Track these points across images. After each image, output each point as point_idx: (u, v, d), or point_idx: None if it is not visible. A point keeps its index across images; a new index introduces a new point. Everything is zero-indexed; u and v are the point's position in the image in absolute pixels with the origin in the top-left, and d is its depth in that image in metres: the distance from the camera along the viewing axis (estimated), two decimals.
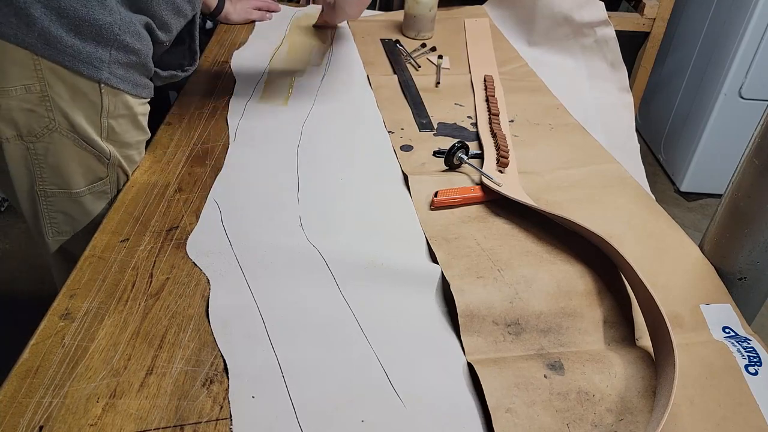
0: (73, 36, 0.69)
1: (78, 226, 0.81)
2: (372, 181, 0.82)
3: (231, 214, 0.73)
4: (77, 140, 0.74)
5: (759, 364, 0.57)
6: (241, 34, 1.24)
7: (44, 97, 0.70)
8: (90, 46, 0.70)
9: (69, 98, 0.71)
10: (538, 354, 0.58)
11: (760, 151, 0.62)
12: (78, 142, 0.74)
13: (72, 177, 0.76)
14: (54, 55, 0.68)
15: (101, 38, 0.70)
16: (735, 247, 0.66)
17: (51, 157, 0.74)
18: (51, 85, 0.70)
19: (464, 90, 1.07)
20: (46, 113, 0.71)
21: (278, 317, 0.60)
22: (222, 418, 0.51)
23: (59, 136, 0.73)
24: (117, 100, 0.75)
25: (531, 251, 0.69)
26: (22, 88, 0.69)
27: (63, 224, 0.81)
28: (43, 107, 0.70)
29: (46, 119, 0.71)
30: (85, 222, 0.81)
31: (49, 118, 0.71)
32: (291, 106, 0.99)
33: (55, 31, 0.67)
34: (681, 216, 2.11)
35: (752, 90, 1.90)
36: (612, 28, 1.25)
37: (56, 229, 0.81)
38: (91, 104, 0.73)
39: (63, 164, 0.75)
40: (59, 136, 0.73)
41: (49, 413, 0.50)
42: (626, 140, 1.15)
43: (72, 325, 0.58)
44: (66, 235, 0.82)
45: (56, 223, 0.80)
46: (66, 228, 0.81)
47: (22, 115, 0.70)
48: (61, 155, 0.74)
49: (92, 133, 0.75)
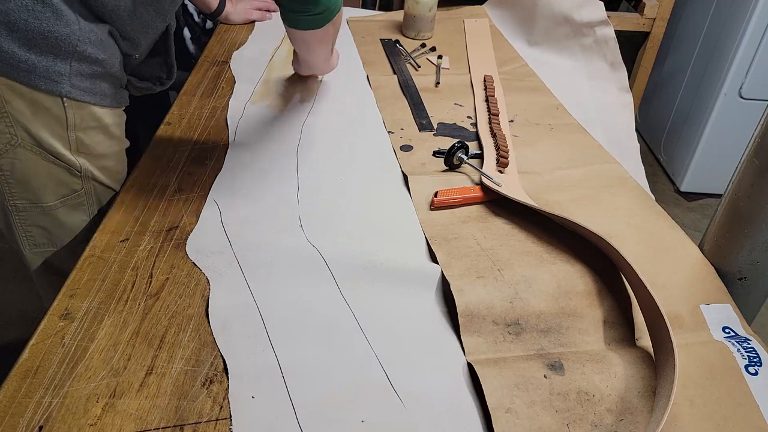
0: (27, 50, 0.66)
1: (56, 239, 0.79)
2: (372, 181, 0.82)
3: (231, 214, 0.73)
4: (43, 154, 0.71)
5: (759, 364, 0.57)
6: (241, 34, 1.24)
7: (2, 113, 0.67)
8: (47, 60, 0.67)
9: (30, 113, 0.69)
10: (538, 354, 0.58)
11: (760, 151, 0.62)
12: (45, 156, 0.71)
13: (42, 191, 0.74)
14: (7, 70, 0.66)
15: (59, 51, 0.67)
16: (735, 247, 0.66)
17: (17, 172, 0.72)
18: (8, 100, 0.67)
19: (464, 90, 1.07)
20: (6, 129, 0.68)
21: (278, 317, 0.60)
22: (222, 418, 0.51)
23: (23, 150, 0.70)
24: (83, 112, 0.72)
25: (531, 251, 0.69)
26: None
27: (39, 237, 0.78)
28: (3, 123, 0.68)
29: (8, 135, 0.69)
30: (62, 234, 0.79)
31: (11, 134, 0.69)
32: (291, 106, 0.99)
33: (6, 46, 0.65)
34: (681, 216, 2.11)
35: (752, 90, 1.90)
36: (611, 28, 1.25)
37: (33, 242, 0.79)
38: (55, 118, 0.70)
39: (31, 179, 0.73)
40: (23, 150, 0.70)
41: (49, 413, 0.50)
42: (626, 140, 1.15)
43: (72, 325, 0.58)
44: (44, 248, 0.79)
45: (32, 236, 0.78)
46: (43, 240, 0.79)
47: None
48: (28, 170, 0.72)
49: (59, 147, 0.72)
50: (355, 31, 1.29)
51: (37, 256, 0.80)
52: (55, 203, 0.76)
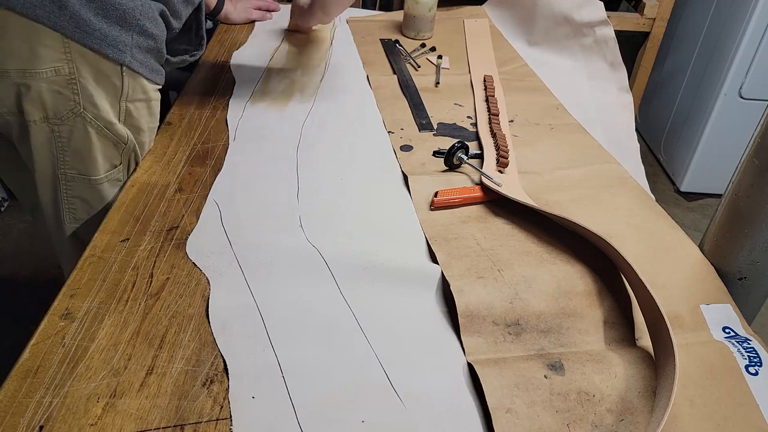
0: (101, 19, 0.71)
1: (92, 213, 0.83)
2: (372, 181, 0.82)
3: (231, 214, 0.73)
4: (98, 126, 0.76)
5: (759, 364, 0.57)
6: (241, 34, 1.24)
7: (71, 80, 0.72)
8: (115, 30, 0.72)
9: (93, 81, 0.73)
10: (539, 354, 0.58)
11: (760, 151, 0.62)
12: (98, 128, 0.76)
13: (92, 163, 0.78)
14: (83, 38, 0.70)
15: (124, 22, 0.73)
16: (735, 247, 0.66)
17: (74, 141, 0.76)
18: (78, 67, 0.72)
19: (464, 90, 1.07)
20: (72, 96, 0.73)
21: (278, 317, 0.60)
22: (222, 418, 0.51)
23: (82, 120, 0.75)
24: (136, 83, 0.78)
25: (531, 251, 0.69)
26: (52, 71, 0.71)
27: (80, 211, 0.82)
28: (70, 90, 0.72)
29: (72, 102, 0.73)
30: (99, 208, 0.83)
31: (75, 102, 0.73)
32: (291, 106, 0.99)
33: (84, 15, 0.69)
34: (681, 216, 2.11)
35: (752, 90, 1.90)
36: (611, 28, 1.25)
37: (73, 216, 0.82)
38: (113, 87, 0.75)
39: (85, 149, 0.77)
40: (82, 120, 0.75)
41: (49, 413, 0.50)
42: (626, 140, 1.15)
43: (72, 325, 0.58)
44: (80, 222, 0.83)
45: (74, 209, 0.82)
46: (82, 215, 0.83)
47: (50, 97, 0.72)
48: (83, 140, 0.76)
49: (112, 116, 0.77)
50: (355, 31, 1.29)
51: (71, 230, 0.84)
52: (102, 177, 0.80)
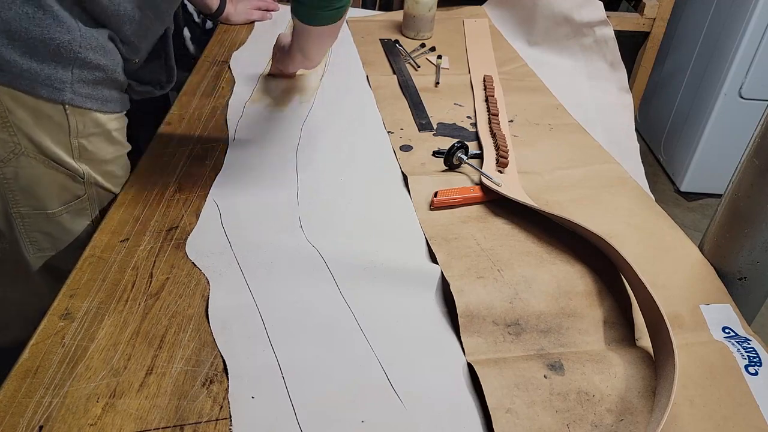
0: (29, 58, 0.65)
1: (60, 243, 0.79)
2: (372, 181, 0.82)
3: (231, 214, 0.73)
4: (47, 162, 0.71)
5: (759, 364, 0.57)
6: (241, 34, 1.24)
7: (5, 123, 0.67)
8: (48, 68, 0.66)
9: (32, 122, 0.68)
10: (538, 354, 0.58)
11: (760, 151, 0.62)
12: (48, 163, 0.71)
13: (45, 198, 0.74)
14: (9, 80, 0.65)
15: (60, 58, 0.67)
16: (735, 247, 0.66)
17: (21, 180, 0.71)
18: (11, 110, 0.67)
19: (464, 90, 1.07)
20: (9, 138, 0.68)
21: (278, 317, 0.60)
22: (222, 418, 0.51)
23: (27, 159, 0.70)
24: (85, 119, 0.72)
25: (531, 251, 0.69)
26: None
27: (43, 242, 0.78)
28: (6, 132, 0.68)
29: (11, 144, 0.68)
30: (66, 239, 0.79)
31: (14, 143, 0.68)
32: (291, 106, 0.99)
33: (7, 56, 0.64)
34: (681, 216, 2.11)
35: (752, 90, 1.90)
36: (611, 28, 1.25)
37: (37, 247, 0.78)
38: (57, 126, 0.70)
39: (34, 186, 0.72)
40: (27, 159, 0.70)
41: (49, 413, 0.50)
42: (626, 140, 1.15)
43: (72, 325, 0.58)
44: (48, 252, 0.79)
45: (36, 241, 0.78)
46: (46, 245, 0.79)
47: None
48: (32, 178, 0.72)
49: (62, 154, 0.72)
50: (354, 31, 1.29)
51: (40, 259, 0.80)
52: (59, 209, 0.76)
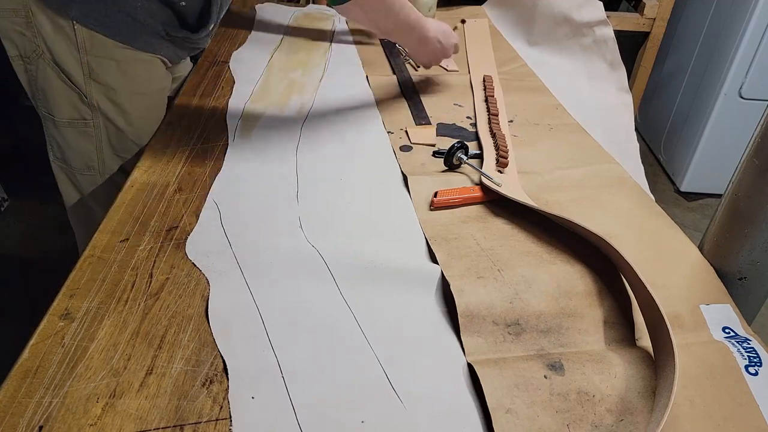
0: None
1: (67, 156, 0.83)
2: (372, 182, 0.82)
3: (230, 215, 0.73)
4: (57, 72, 0.76)
5: (759, 364, 0.57)
6: (241, 34, 1.24)
7: (29, 24, 0.72)
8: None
9: (51, 30, 0.73)
10: (538, 354, 0.58)
11: (760, 151, 0.62)
12: (59, 74, 0.76)
13: (54, 105, 0.79)
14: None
15: None
16: (735, 247, 0.66)
17: (40, 81, 0.77)
18: (34, 13, 0.72)
19: (463, 90, 1.07)
20: (33, 38, 0.74)
21: (278, 317, 0.60)
22: (222, 418, 0.51)
23: (44, 63, 0.75)
24: (92, 39, 0.76)
25: (531, 251, 0.69)
26: (10, 11, 0.71)
27: (56, 149, 0.83)
28: (30, 32, 0.73)
29: (34, 44, 0.74)
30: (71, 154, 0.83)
31: (36, 44, 0.74)
32: (290, 106, 0.99)
33: None
34: (681, 216, 2.11)
35: (752, 90, 1.90)
36: (611, 28, 1.25)
37: (53, 153, 0.84)
38: (69, 39, 0.74)
39: (47, 91, 0.78)
40: (44, 63, 0.75)
41: (49, 413, 0.50)
42: (626, 140, 1.15)
43: (72, 325, 0.58)
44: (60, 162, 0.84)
45: (51, 146, 0.83)
46: (58, 154, 0.84)
47: (17, 37, 0.73)
48: (46, 82, 0.77)
49: (73, 68, 0.76)
50: (355, 31, 1.29)
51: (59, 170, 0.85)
52: (63, 121, 0.80)
